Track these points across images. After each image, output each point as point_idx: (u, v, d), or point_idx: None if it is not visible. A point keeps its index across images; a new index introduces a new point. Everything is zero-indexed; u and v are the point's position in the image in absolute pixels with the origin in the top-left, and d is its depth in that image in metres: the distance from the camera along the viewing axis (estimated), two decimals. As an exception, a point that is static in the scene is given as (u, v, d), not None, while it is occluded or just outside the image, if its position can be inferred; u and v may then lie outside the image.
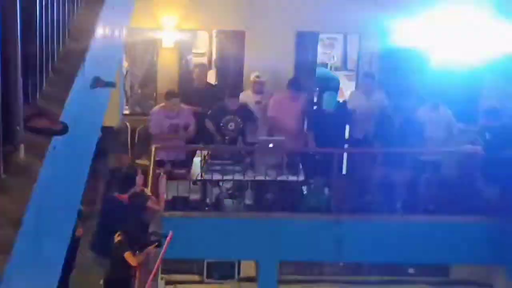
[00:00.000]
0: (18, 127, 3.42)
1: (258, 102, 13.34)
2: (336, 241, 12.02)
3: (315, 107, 14.01)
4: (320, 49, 15.98)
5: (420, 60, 14.18)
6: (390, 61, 14.36)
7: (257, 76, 13.48)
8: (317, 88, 15.03)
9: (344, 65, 17.95)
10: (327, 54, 17.90)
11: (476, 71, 13.96)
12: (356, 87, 14.67)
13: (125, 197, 10.51)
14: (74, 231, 9.12)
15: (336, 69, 17.68)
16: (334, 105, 13.05)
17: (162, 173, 11.61)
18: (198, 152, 12.87)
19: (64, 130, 3.76)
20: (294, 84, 13.18)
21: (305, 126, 13.42)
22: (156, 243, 10.00)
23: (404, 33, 13.93)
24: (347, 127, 13.67)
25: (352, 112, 13.26)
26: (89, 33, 5.14)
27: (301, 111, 13.30)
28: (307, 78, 14.81)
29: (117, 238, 9.67)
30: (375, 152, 12.87)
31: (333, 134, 12.82)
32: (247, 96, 13.39)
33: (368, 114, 13.14)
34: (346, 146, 13.62)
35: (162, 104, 12.94)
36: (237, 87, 13.94)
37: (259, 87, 13.49)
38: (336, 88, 15.96)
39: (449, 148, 12.98)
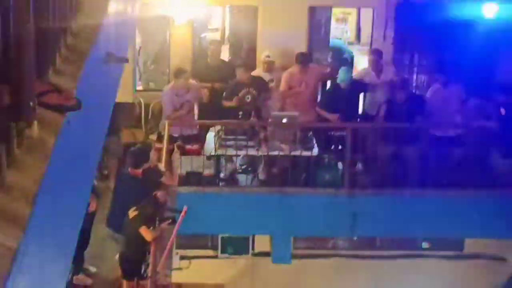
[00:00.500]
0: (31, 103, 3.43)
1: (269, 81, 13.32)
2: (349, 216, 12.01)
3: (329, 82, 13.95)
4: (333, 23, 15.91)
5: (435, 34, 14.11)
6: (404, 35, 14.31)
7: (267, 56, 13.47)
8: (330, 62, 14.98)
9: (357, 40, 17.84)
10: (340, 29, 17.79)
11: (492, 45, 13.89)
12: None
13: (139, 172, 10.53)
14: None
15: (350, 43, 17.56)
16: (347, 80, 13.02)
17: (176, 148, 11.61)
18: (211, 127, 12.89)
19: (77, 105, 3.77)
20: (301, 59, 13.13)
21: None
22: (170, 220, 10.04)
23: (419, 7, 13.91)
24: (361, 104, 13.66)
25: (365, 87, 13.25)
26: (102, 9, 5.14)
27: (313, 85, 13.26)
28: (320, 52, 14.79)
29: (132, 213, 9.69)
30: (389, 128, 12.80)
31: (346, 109, 12.79)
32: (257, 75, 13.37)
33: (377, 90, 13.12)
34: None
35: (171, 83, 12.94)
36: (250, 63, 13.91)
37: (269, 66, 13.47)
38: (349, 62, 15.92)
39: (463, 123, 12.90)
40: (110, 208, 10.90)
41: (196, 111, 13.28)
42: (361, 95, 13.59)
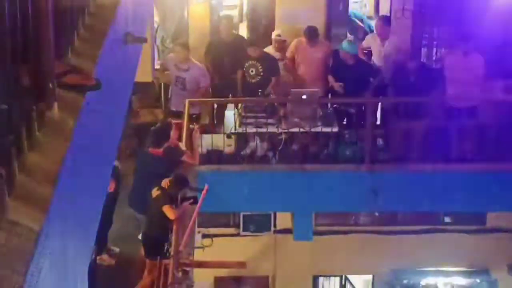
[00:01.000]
0: (50, 85, 3.43)
1: (279, 60, 13.23)
2: (370, 191, 11.97)
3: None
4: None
5: (456, 7, 14.01)
6: (424, 8, 14.21)
7: (278, 35, 13.39)
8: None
9: (376, 13, 17.74)
10: (358, 3, 17.70)
11: None
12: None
13: (159, 151, 10.52)
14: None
15: (369, 18, 17.47)
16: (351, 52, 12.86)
17: (195, 127, 11.59)
18: (229, 105, 12.91)
19: (96, 85, 3.76)
20: (309, 32, 13.04)
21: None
22: (192, 199, 10.04)
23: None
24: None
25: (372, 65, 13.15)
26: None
27: (321, 59, 13.15)
28: (339, 28, 14.72)
29: (155, 193, 9.71)
30: (406, 101, 12.68)
31: (355, 84, 12.67)
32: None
33: (381, 59, 13.04)
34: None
35: (174, 53, 12.94)
36: (268, 40, 13.85)
37: (280, 45, 13.39)
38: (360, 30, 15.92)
39: (483, 93, 12.75)
40: (132, 188, 10.91)
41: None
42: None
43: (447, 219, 15.16)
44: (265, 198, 12.18)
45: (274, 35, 13.46)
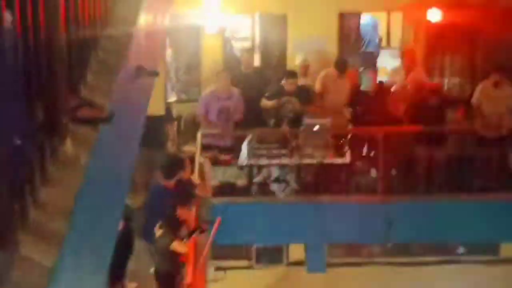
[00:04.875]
0: (64, 120, 3.43)
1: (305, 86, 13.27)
2: (384, 222, 11.93)
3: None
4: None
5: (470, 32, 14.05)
6: (435, 37, 14.24)
7: (304, 60, 13.44)
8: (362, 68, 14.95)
9: (387, 43, 17.78)
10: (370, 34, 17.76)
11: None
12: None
13: (171, 184, 10.50)
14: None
15: (381, 47, 17.51)
16: (370, 85, 12.94)
17: (205, 158, 11.58)
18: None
19: (109, 118, 3.76)
20: (340, 65, 13.08)
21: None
22: (201, 229, 9.96)
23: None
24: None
25: (390, 92, 13.17)
26: (132, 22, 5.14)
27: (349, 90, 13.19)
28: (351, 58, 14.74)
29: (158, 231, 9.58)
30: (422, 131, 12.68)
31: (374, 114, 12.70)
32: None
33: (405, 92, 13.05)
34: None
35: (212, 88, 12.93)
36: (281, 70, 13.89)
37: (304, 71, 13.44)
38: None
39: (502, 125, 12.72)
40: (144, 220, 10.87)
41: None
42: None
43: (460, 250, 15.06)
44: (277, 230, 12.15)
45: (299, 60, 13.51)
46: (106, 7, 4.69)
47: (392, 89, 13.19)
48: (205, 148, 12.22)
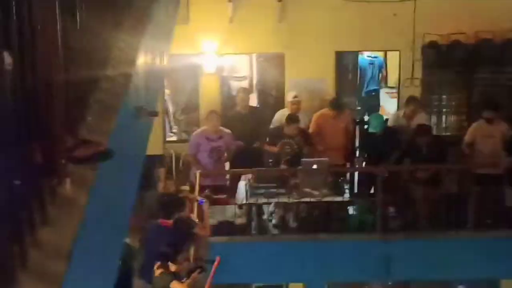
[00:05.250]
0: (62, 161, 3.45)
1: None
2: (383, 260, 11.92)
3: (365, 127, 13.89)
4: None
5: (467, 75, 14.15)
6: (432, 78, 14.32)
7: (295, 97, 13.46)
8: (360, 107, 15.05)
9: (385, 83, 17.87)
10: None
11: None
12: (398, 108, 14.49)
13: (169, 223, 10.48)
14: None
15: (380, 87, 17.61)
16: (379, 127, 13.00)
17: (202, 198, 11.58)
18: (243, 176, 12.92)
19: (108, 154, 3.76)
20: (336, 104, 13.14)
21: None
22: (200, 268, 9.92)
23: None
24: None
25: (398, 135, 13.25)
26: (130, 63, 5.17)
27: (344, 129, 13.25)
28: (348, 97, 14.82)
29: (157, 271, 9.53)
30: (421, 168, 12.72)
31: (382, 156, 12.79)
32: (283, 115, 13.33)
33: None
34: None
35: (204, 127, 12.99)
36: (279, 108, 13.94)
37: (296, 107, 13.46)
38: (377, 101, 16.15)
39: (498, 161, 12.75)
40: (141, 260, 10.84)
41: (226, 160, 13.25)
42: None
43: (461, 287, 15.00)
44: (277, 269, 12.11)
45: (290, 97, 13.50)
46: (105, 48, 4.72)
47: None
48: (201, 187, 12.24)
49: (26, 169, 3.12)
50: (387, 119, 13.75)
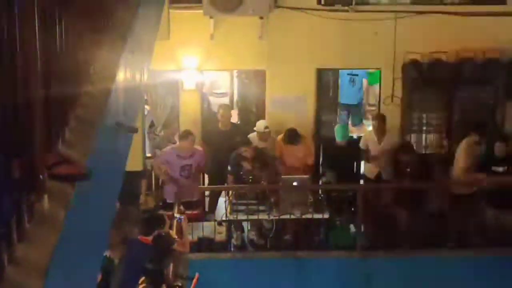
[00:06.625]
0: (41, 176, 3.43)
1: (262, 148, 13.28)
2: (364, 278, 11.92)
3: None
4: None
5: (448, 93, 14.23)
6: (413, 96, 14.37)
7: (266, 127, 13.37)
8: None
9: (366, 101, 17.94)
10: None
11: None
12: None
13: (148, 239, 10.44)
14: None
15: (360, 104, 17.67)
16: (344, 138, 13.26)
17: (181, 215, 11.55)
18: (222, 193, 12.91)
19: (87, 175, 3.75)
20: (290, 138, 13.16)
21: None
22: (179, 286, 9.88)
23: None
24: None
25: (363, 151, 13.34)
26: (110, 79, 5.16)
27: (302, 158, 13.21)
28: (329, 114, 14.84)
29: (139, 287, 9.49)
30: (400, 187, 12.77)
31: (347, 168, 12.87)
32: (253, 141, 13.31)
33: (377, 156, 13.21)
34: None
35: (176, 144, 13.01)
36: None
37: (265, 137, 13.41)
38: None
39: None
40: (120, 277, 10.78)
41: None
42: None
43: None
44: (256, 286, 12.07)
45: (261, 127, 13.42)
46: (85, 63, 4.70)
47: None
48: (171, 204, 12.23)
49: (4, 185, 3.10)
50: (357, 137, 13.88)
